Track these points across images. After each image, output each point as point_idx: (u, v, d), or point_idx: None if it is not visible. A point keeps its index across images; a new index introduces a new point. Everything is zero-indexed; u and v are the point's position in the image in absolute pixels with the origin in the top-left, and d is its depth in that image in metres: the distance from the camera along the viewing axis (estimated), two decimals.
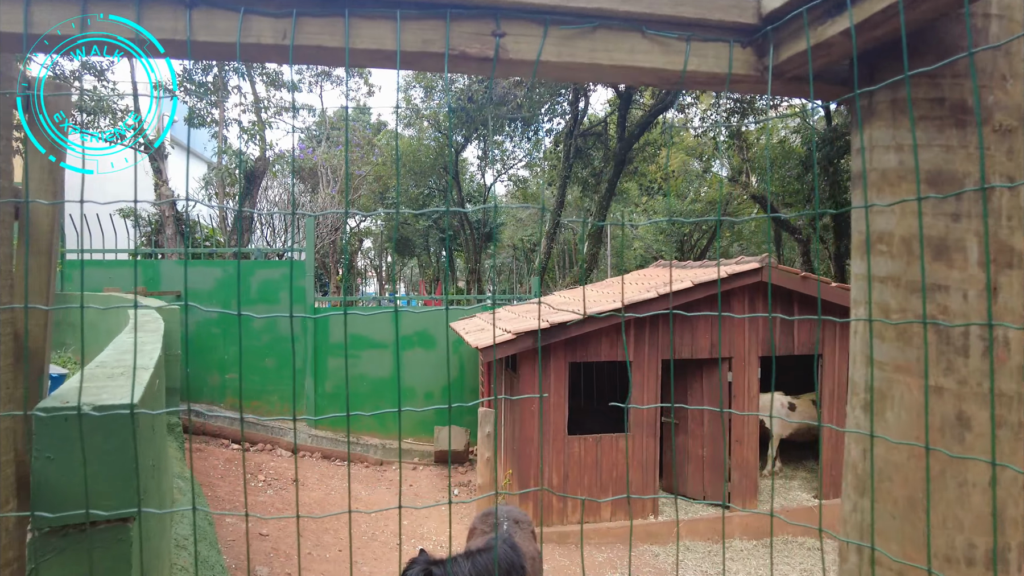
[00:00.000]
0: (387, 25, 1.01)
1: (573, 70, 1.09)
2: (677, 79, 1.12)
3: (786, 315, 8.27)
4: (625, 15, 1.07)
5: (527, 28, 1.05)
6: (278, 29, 0.99)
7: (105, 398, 1.81)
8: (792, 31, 1.05)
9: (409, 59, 1.03)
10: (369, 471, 9.23)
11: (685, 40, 1.10)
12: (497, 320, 8.92)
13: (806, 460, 9.87)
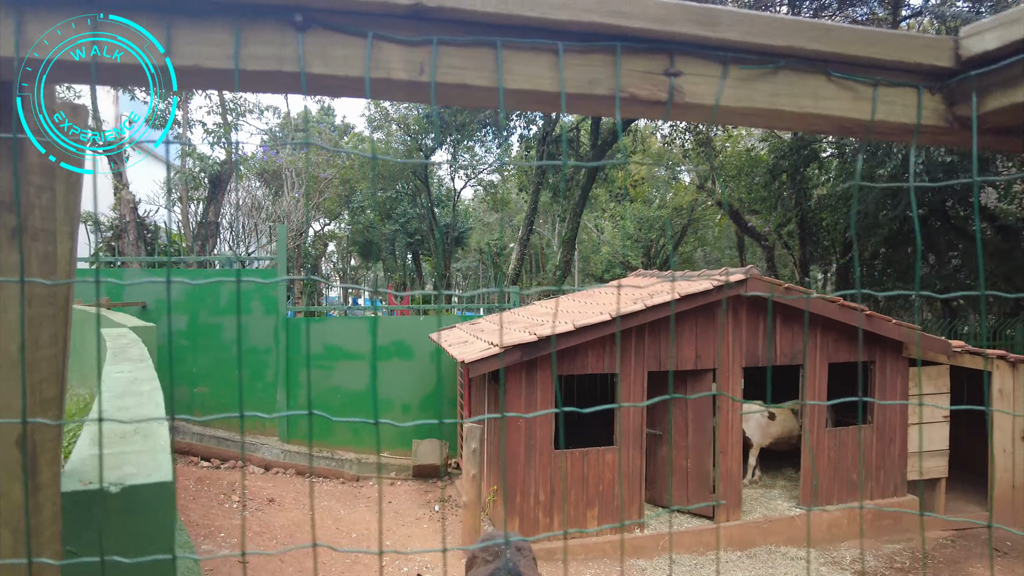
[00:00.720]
0: (544, 60, 0.85)
1: (751, 116, 0.94)
2: (863, 129, 0.99)
3: (768, 325, 8.33)
4: (813, 54, 0.93)
5: (703, 67, 0.90)
6: (412, 61, 0.81)
7: (130, 472, 1.55)
8: (1007, 78, 0.92)
9: (571, 101, 0.87)
10: (346, 487, 8.93)
11: (872, 85, 0.97)
12: (479, 332, 8.75)
13: (785, 468, 9.96)
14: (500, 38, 0.81)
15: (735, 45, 0.89)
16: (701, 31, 0.86)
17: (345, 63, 0.78)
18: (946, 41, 0.98)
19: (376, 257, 28.05)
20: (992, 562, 6.59)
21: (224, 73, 0.76)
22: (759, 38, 0.89)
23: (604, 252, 24.17)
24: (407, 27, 0.80)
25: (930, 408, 8.63)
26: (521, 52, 0.83)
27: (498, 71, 0.81)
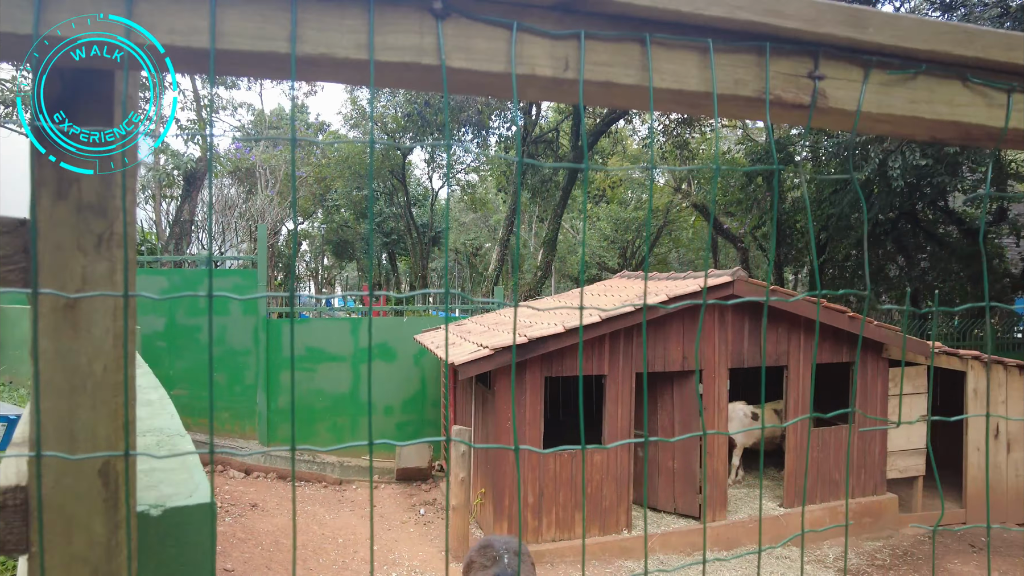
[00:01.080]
0: (691, 59, 0.79)
1: (889, 123, 0.90)
2: (991, 137, 0.96)
3: (754, 327, 8.42)
4: (954, 59, 0.89)
5: (845, 71, 0.86)
6: (557, 56, 0.75)
7: (168, 492, 1.42)
8: None
9: (722, 103, 0.82)
10: (329, 491, 8.78)
11: (1007, 91, 0.94)
12: (467, 334, 8.67)
13: (768, 468, 10.08)
14: (648, 33, 0.76)
15: (881, 48, 0.85)
16: (850, 32, 0.82)
17: (488, 57, 0.72)
18: None
19: (349, 256, 27.72)
20: (988, 556, 6.75)
21: (356, 65, 0.69)
22: (904, 41, 0.85)
23: (580, 253, 24.22)
24: (551, 19, 0.74)
25: (908, 408, 8.81)
26: (671, 50, 0.77)
27: (648, 69, 0.76)
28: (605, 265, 23.55)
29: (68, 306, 0.72)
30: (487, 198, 24.68)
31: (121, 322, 0.74)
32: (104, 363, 0.73)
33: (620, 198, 23.32)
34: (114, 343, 0.74)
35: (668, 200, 22.18)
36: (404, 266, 26.95)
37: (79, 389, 0.72)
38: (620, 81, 0.76)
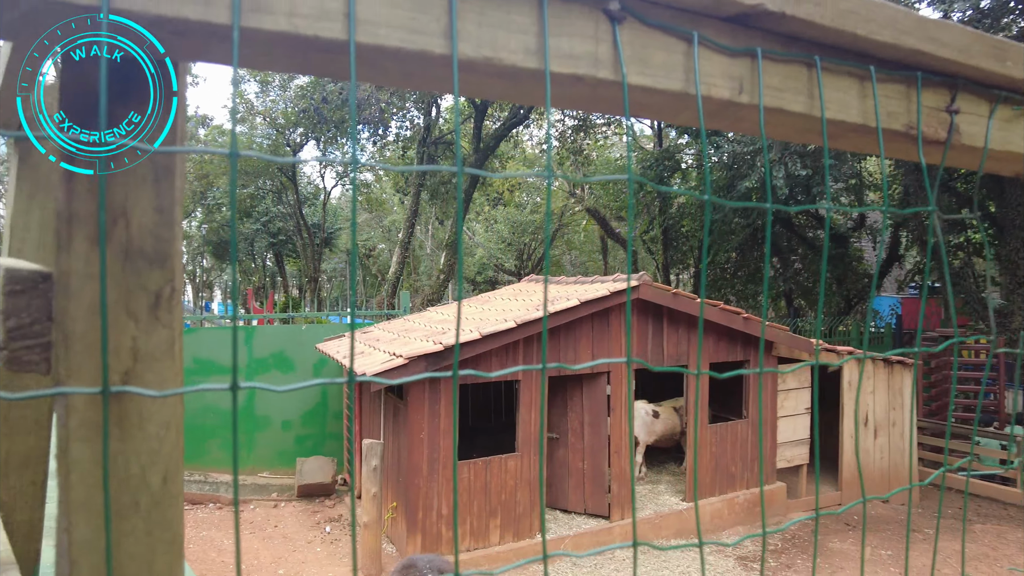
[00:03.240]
0: (853, 87, 0.71)
1: (1007, 160, 0.87)
2: None
3: (657, 330, 8.71)
4: None
5: (976, 105, 0.82)
6: (732, 76, 0.64)
7: None
8: None
9: (867, 135, 0.74)
10: (224, 513, 8.14)
11: None
12: (375, 341, 8.34)
13: (668, 464, 10.48)
14: (819, 56, 0.67)
15: (1009, 84, 0.81)
16: (992, 65, 0.77)
17: (666, 72, 0.60)
18: None
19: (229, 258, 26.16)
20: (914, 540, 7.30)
21: (527, 74, 0.55)
22: None
23: (479, 255, 24.26)
24: (726, 32, 0.63)
25: (794, 401, 9.47)
26: (835, 76, 0.69)
27: (817, 96, 0.67)
28: (502, 267, 23.68)
29: (113, 394, 0.52)
30: (382, 198, 24.07)
31: (181, 410, 0.55)
32: (164, 471, 0.54)
33: (517, 201, 23.56)
34: (175, 441, 0.55)
35: (563, 204, 22.65)
36: (293, 268, 25.74)
37: (130, 510, 0.53)
38: (790, 108, 0.67)
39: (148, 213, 0.54)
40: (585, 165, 20.05)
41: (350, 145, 0.48)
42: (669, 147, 17.64)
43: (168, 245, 0.54)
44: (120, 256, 0.53)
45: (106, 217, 0.52)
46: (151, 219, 0.54)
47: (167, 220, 0.54)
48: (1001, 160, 0.88)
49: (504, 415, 11.96)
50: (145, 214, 0.54)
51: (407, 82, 0.56)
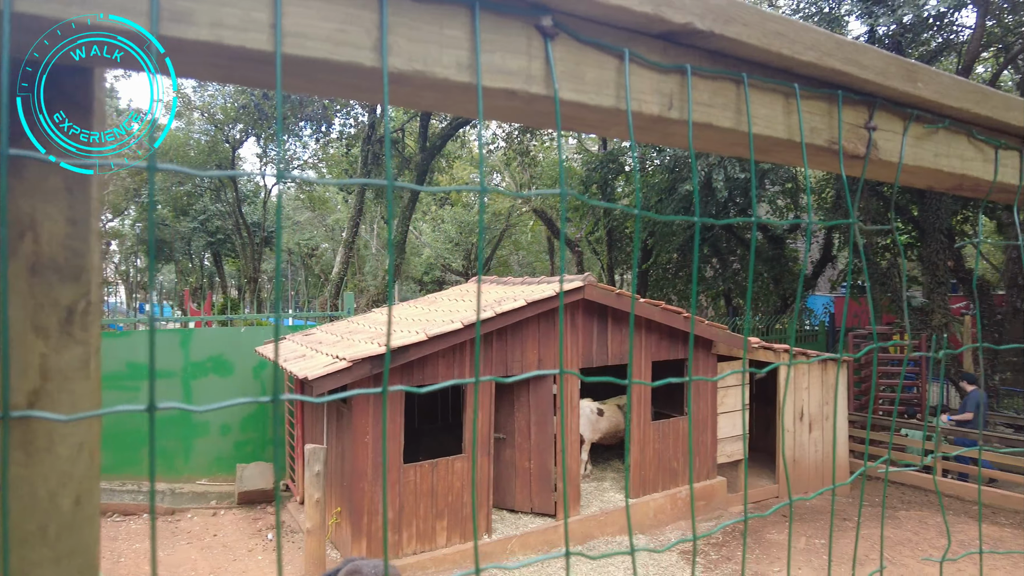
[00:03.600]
0: (778, 104, 0.74)
1: (917, 174, 0.92)
2: (986, 190, 1.01)
3: (602, 329, 8.83)
4: (969, 116, 0.93)
5: (891, 122, 0.86)
6: (663, 92, 0.65)
7: None
8: None
9: (790, 150, 0.77)
10: (159, 524, 7.83)
11: (995, 148, 1.00)
12: (318, 344, 8.18)
13: (612, 461, 10.64)
14: (746, 74, 0.69)
15: (921, 103, 0.86)
16: (905, 86, 0.82)
17: (597, 89, 0.60)
18: None
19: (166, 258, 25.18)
20: None
21: (460, 88, 0.54)
22: (941, 98, 0.87)
23: (426, 255, 24.08)
24: (657, 50, 0.64)
25: (733, 398, 9.76)
26: (761, 93, 0.71)
27: (745, 112, 0.69)
28: (449, 267, 23.57)
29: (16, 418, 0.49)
30: (325, 196, 23.60)
31: (98, 429, 0.53)
32: (76, 494, 0.51)
33: (465, 201, 23.50)
34: (90, 462, 0.52)
35: (510, 204, 22.71)
36: (232, 268, 24.97)
37: (36, 538, 0.50)
38: (719, 123, 0.68)
39: (60, 225, 0.52)
40: (532, 166, 20.18)
41: (278, 151, 0.47)
42: (613, 150, 17.92)
43: (83, 258, 0.52)
44: (27, 270, 0.50)
45: (12, 231, 0.49)
46: (63, 231, 0.51)
47: (82, 232, 0.52)
48: (915, 174, 0.93)
49: (451, 416, 11.92)
50: (56, 226, 0.51)
51: (338, 93, 0.55)
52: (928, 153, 0.90)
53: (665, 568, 7.91)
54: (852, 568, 1.10)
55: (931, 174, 0.92)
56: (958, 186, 1.02)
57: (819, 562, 7.93)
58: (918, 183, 0.96)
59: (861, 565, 7.88)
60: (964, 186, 1.02)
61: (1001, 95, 0.95)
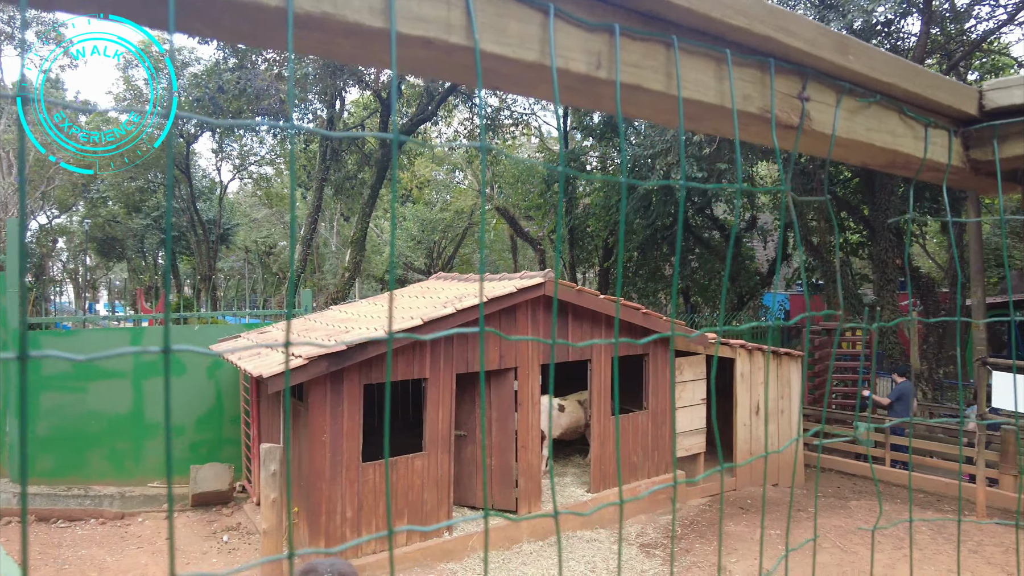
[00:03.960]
0: (710, 69, 0.73)
1: (851, 148, 0.93)
2: (914, 166, 1.04)
3: (562, 324, 8.87)
4: (900, 93, 0.95)
5: (824, 95, 0.87)
6: (590, 51, 0.64)
7: None
8: None
9: (722, 116, 0.77)
10: (108, 529, 7.58)
11: (925, 126, 1.02)
12: (273, 342, 8.01)
13: (573, 456, 10.70)
14: (676, 37, 0.68)
15: (853, 76, 0.87)
16: (836, 58, 0.83)
17: (520, 42, 0.58)
18: (973, 91, 1.07)
19: (118, 256, 24.44)
20: None
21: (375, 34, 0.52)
22: (872, 72, 0.88)
23: (387, 253, 23.83)
24: (584, 7, 0.63)
25: (691, 392, 9.91)
26: (692, 57, 0.71)
27: (675, 76, 0.68)
28: (412, 265, 23.39)
29: None
30: (283, 192, 23.16)
31: None
32: None
33: (427, 199, 23.33)
34: None
35: (472, 202, 22.65)
36: (186, 266, 24.34)
37: None
38: (649, 86, 0.68)
39: None
40: (494, 164, 20.15)
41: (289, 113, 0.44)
42: (575, 149, 18.02)
43: None
44: None
45: None
46: None
47: None
48: (848, 148, 0.95)
49: (411, 414, 11.82)
50: None
51: (245, 40, 0.53)
52: (860, 127, 0.91)
53: (625, 561, 7.99)
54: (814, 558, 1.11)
55: (864, 148, 0.94)
56: (891, 163, 1.04)
57: (774, 552, 8.11)
58: (852, 158, 0.97)
59: (816, 554, 8.08)
60: (896, 163, 1.04)
61: (930, 73, 0.97)
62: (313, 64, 11.95)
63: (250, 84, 10.83)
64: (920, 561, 7.63)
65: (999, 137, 1.05)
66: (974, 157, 1.09)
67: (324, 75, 12.06)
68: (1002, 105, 1.04)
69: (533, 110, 19.55)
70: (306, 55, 0.53)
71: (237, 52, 11.45)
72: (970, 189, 1.19)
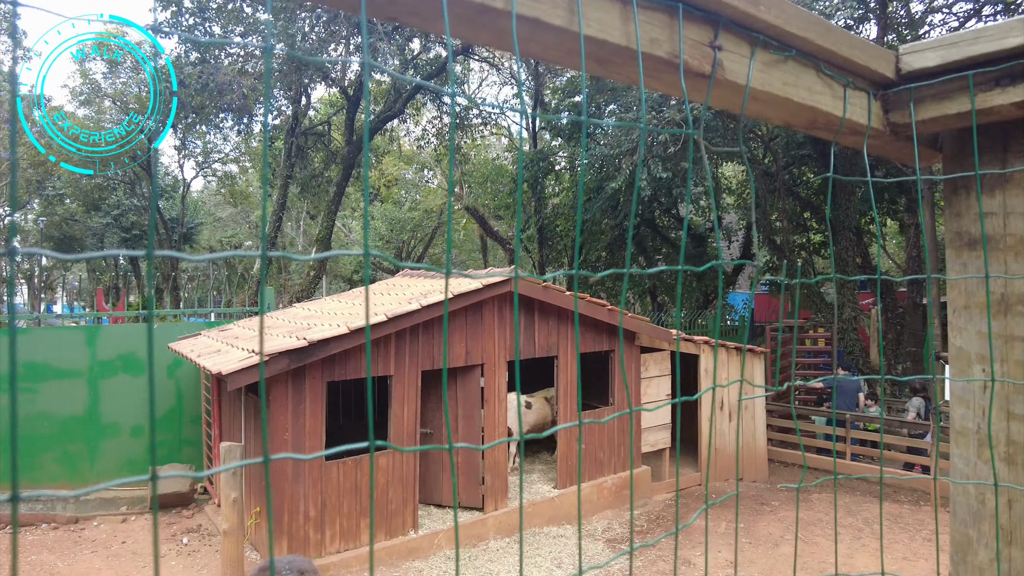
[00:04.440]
0: (615, 9, 0.73)
1: (767, 102, 0.94)
2: (835, 127, 1.05)
3: (528, 321, 8.88)
4: (815, 49, 0.96)
5: (737, 45, 0.88)
6: None
7: None
8: (940, 92, 1.05)
9: (628, 59, 0.77)
10: (60, 534, 7.35)
11: (844, 86, 1.04)
12: (233, 339, 7.88)
13: (541, 453, 10.72)
14: None
15: (766, 28, 0.88)
16: (747, 7, 0.83)
17: None
18: (890, 54, 1.09)
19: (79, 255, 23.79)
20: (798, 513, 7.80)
21: None
22: (785, 24, 0.89)
23: (354, 252, 23.56)
24: None
25: (656, 388, 10.00)
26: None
27: (576, 12, 0.68)
28: (380, 265, 23.19)
29: None
30: (248, 191, 22.79)
31: None
32: None
33: (395, 198, 23.16)
34: None
35: (441, 202, 22.57)
36: (148, 266, 23.76)
37: None
38: (549, 21, 0.67)
39: None
40: (463, 163, 20.10)
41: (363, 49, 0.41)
42: (543, 148, 18.08)
43: None
44: None
45: None
46: None
47: None
48: (766, 103, 0.96)
49: (376, 413, 11.70)
50: None
51: None
52: (777, 81, 0.93)
53: (592, 556, 8.03)
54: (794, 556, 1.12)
55: (782, 104, 0.95)
56: (812, 122, 1.05)
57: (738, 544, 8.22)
58: (772, 116, 0.99)
59: (776, 546, 8.22)
60: (818, 122, 1.05)
61: (845, 32, 0.99)
62: (278, 60, 11.78)
63: (212, 79, 10.63)
64: (878, 550, 7.81)
65: (915, 100, 1.08)
66: (893, 120, 1.11)
67: (290, 71, 11.91)
68: (916, 68, 1.06)
69: (503, 110, 19.52)
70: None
71: (199, 47, 11.23)
72: (891, 157, 1.21)
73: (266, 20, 9.76)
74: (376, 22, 11.06)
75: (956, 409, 1.16)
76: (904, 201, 15.29)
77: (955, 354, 1.16)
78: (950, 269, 1.16)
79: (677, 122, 10.26)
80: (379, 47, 10.90)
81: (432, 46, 14.04)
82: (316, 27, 11.63)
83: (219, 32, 11.90)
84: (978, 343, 1.11)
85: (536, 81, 18.17)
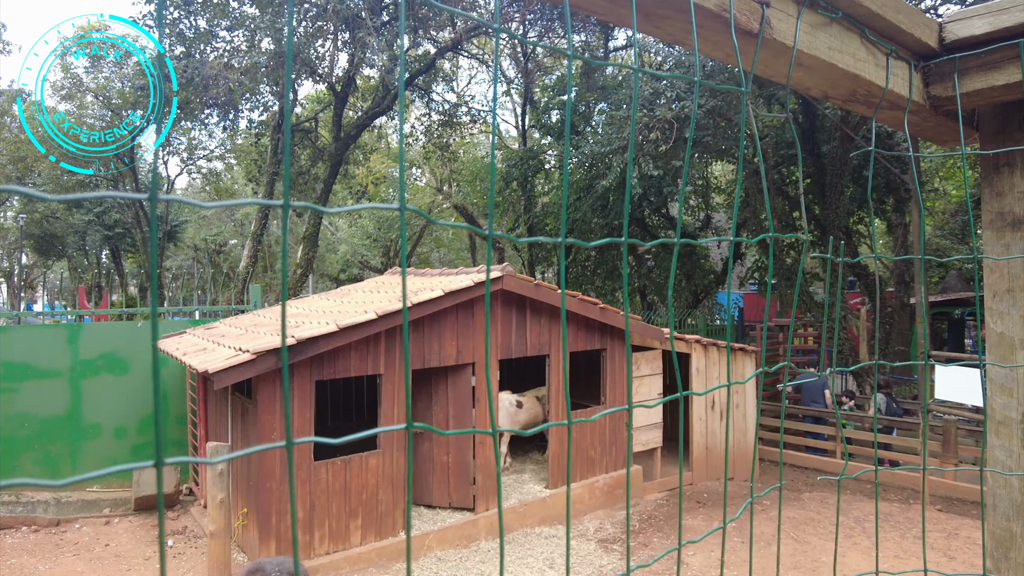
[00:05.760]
0: None
1: (811, 70, 0.88)
2: (874, 99, 0.99)
3: (520, 319, 8.81)
4: (862, 13, 0.90)
5: (784, 3, 0.82)
6: None
7: None
8: (986, 62, 0.99)
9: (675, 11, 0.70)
10: (41, 536, 7.18)
11: (887, 55, 0.98)
12: (220, 337, 7.74)
13: (532, 453, 10.65)
14: None
15: None
16: None
17: None
18: (933, 21, 1.02)
19: (58, 254, 23.43)
20: None
21: None
22: None
23: (342, 251, 23.38)
24: None
25: (647, 388, 9.96)
26: None
27: None
28: (368, 264, 23.03)
29: None
30: (233, 188, 22.54)
31: None
32: None
33: (383, 196, 22.99)
34: None
35: (430, 200, 22.44)
36: (132, 265, 23.46)
37: None
38: None
39: None
40: (452, 161, 19.99)
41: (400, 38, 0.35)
42: (533, 147, 18.02)
43: None
44: None
45: None
46: None
47: None
48: (810, 69, 0.89)
49: (366, 412, 11.60)
50: None
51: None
52: (823, 45, 0.86)
53: (583, 557, 7.96)
54: None
55: (827, 70, 0.88)
56: (852, 93, 0.99)
57: (729, 544, 8.19)
58: (813, 83, 0.92)
59: (770, 544, 8.21)
60: (858, 94, 0.99)
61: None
62: (265, 55, 11.61)
63: (197, 73, 10.45)
64: (869, 549, 7.81)
65: (960, 71, 1.02)
66: (934, 93, 1.05)
67: (277, 66, 11.75)
68: (962, 37, 1.00)
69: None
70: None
71: (184, 40, 11.05)
72: (927, 135, 1.15)
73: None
74: (366, 17, 10.93)
75: (996, 398, 1.10)
76: (892, 201, 15.38)
77: (996, 340, 1.10)
78: (990, 251, 1.10)
79: (701, 96, 10.23)
80: (368, 42, 10.77)
81: (421, 42, 13.93)
82: (304, 21, 11.48)
83: (204, 26, 11.73)
84: (1023, 328, 1.05)
85: (526, 79, 18.10)
